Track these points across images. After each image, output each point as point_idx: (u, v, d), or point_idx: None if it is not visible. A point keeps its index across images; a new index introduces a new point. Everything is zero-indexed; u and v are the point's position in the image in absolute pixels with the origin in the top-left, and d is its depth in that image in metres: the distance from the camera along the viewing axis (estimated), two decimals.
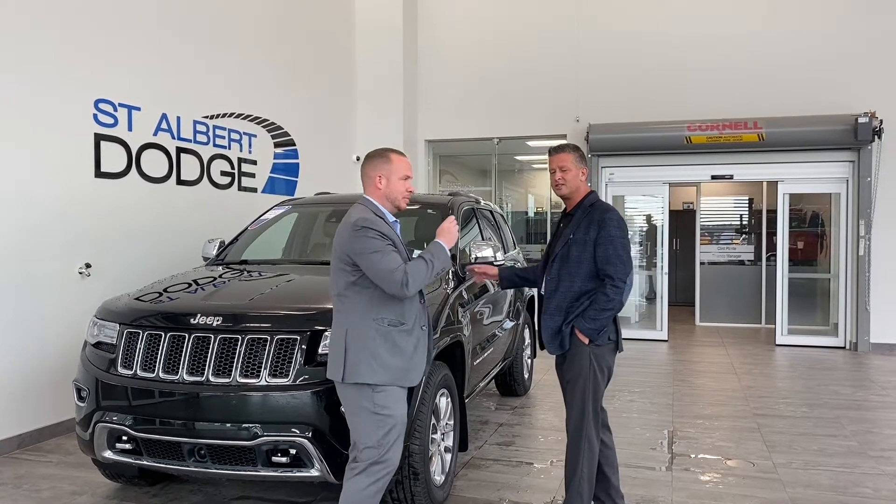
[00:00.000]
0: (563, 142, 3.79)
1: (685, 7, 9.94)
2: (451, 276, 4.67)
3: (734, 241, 12.64)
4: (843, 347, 9.49)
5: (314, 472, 3.47)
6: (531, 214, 13.07)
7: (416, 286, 3.08)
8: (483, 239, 5.73)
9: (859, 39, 9.26)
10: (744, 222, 12.85)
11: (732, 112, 9.46)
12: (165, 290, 4.20)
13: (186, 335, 3.61)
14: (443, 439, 4.14)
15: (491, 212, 6.59)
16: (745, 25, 9.70)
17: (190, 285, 4.31)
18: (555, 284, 3.57)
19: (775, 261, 10.02)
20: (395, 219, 3.28)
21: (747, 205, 12.92)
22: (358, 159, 10.14)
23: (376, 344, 3.08)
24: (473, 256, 4.68)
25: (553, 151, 3.66)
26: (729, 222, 12.92)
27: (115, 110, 5.88)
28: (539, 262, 4.05)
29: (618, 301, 3.51)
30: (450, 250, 3.31)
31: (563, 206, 3.78)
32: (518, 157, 12.68)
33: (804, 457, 5.00)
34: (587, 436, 3.59)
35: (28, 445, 5.18)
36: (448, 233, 3.37)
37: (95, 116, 5.69)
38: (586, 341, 3.52)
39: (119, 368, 3.73)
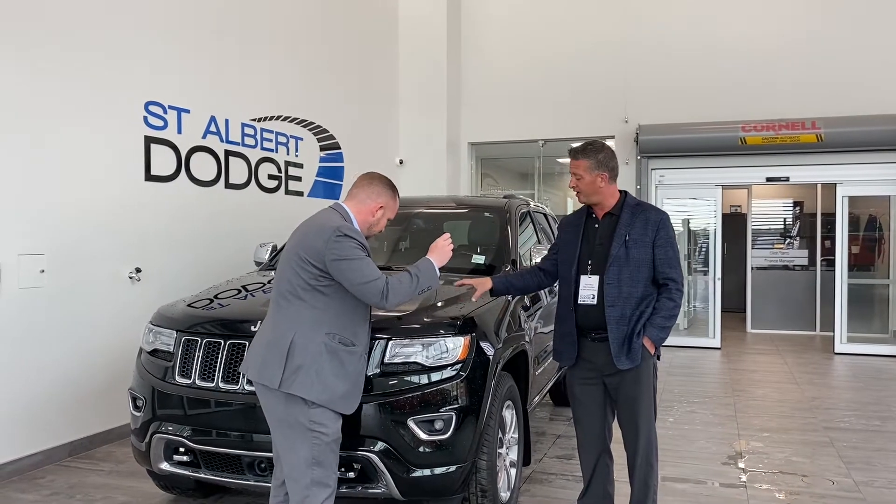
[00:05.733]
0: (583, 143, 3.51)
1: (738, 5, 9.62)
2: None
3: (786, 246, 12.24)
4: None
5: (380, 489, 3.31)
6: None
7: (396, 299, 2.94)
8: (539, 242, 5.53)
9: None
10: (797, 226, 12.44)
11: (789, 112, 9.12)
12: (222, 296, 4.07)
13: (247, 343, 3.46)
14: (507, 453, 3.96)
15: (544, 214, 6.39)
16: (801, 23, 9.36)
17: (246, 291, 4.19)
18: (616, 290, 3.29)
19: (828, 265, 9.65)
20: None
21: (799, 208, 12.52)
22: (401, 162, 10.02)
23: (323, 360, 2.88)
24: (533, 261, 4.49)
25: (570, 155, 3.43)
26: (780, 226, 12.53)
27: (165, 113, 5.80)
28: (534, 267, 3.81)
29: (680, 305, 3.35)
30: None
31: (590, 207, 3.51)
32: (560, 160, 12.42)
33: (886, 474, 4.71)
34: (657, 451, 3.47)
35: (79, 453, 5.10)
36: (441, 251, 3.22)
37: (146, 119, 5.62)
38: (653, 350, 3.32)
39: (176, 377, 3.61)
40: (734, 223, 12.75)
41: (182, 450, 3.55)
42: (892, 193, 9.36)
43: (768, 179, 9.76)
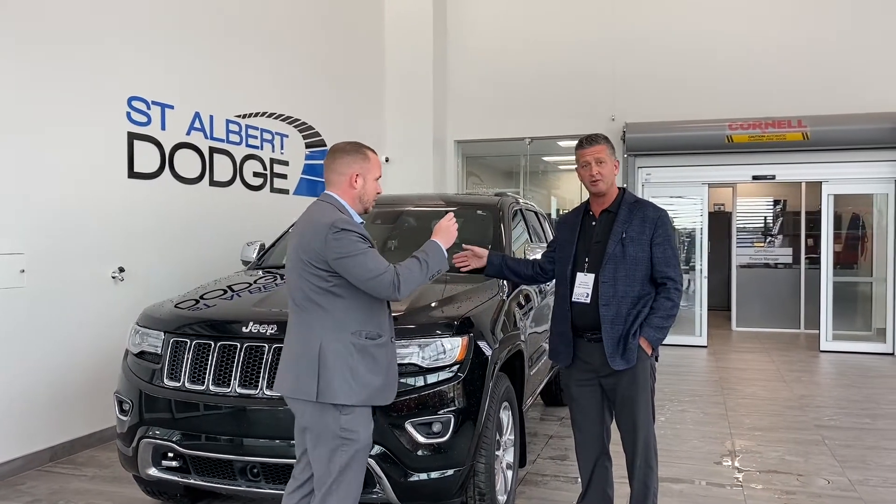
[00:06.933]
0: (587, 134, 3.40)
1: (727, 4, 9.63)
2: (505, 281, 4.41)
3: (771, 244, 12.29)
4: (892, 354, 9.13)
5: (377, 494, 3.22)
6: (555, 216, 12.77)
7: (408, 288, 2.82)
8: (532, 240, 5.47)
9: None
10: (780, 224, 12.51)
11: (775, 110, 9.14)
12: (209, 297, 3.96)
13: (238, 345, 3.37)
14: (504, 455, 3.89)
15: (535, 213, 6.33)
16: (788, 23, 9.38)
17: (235, 291, 4.08)
18: (612, 289, 3.21)
19: (811, 263, 9.69)
20: (361, 220, 2.98)
21: (782, 206, 12.59)
22: (387, 160, 9.91)
23: (355, 360, 2.76)
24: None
25: (586, 142, 3.28)
26: (764, 224, 12.58)
27: (149, 108, 5.66)
28: (532, 259, 3.75)
29: (679, 305, 3.26)
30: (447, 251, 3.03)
31: (588, 204, 3.44)
32: (545, 158, 12.39)
33: (880, 473, 4.70)
34: (656, 452, 3.39)
35: (61, 458, 4.95)
36: (446, 231, 3.07)
37: (129, 115, 5.48)
38: (650, 351, 3.26)
39: (165, 380, 3.49)
40: (718, 221, 12.77)
41: (171, 455, 3.44)
42: (876, 192, 9.42)
43: (754, 177, 9.80)
